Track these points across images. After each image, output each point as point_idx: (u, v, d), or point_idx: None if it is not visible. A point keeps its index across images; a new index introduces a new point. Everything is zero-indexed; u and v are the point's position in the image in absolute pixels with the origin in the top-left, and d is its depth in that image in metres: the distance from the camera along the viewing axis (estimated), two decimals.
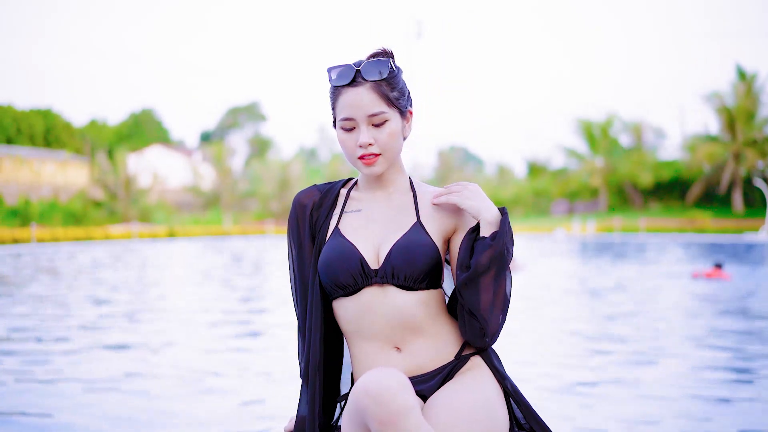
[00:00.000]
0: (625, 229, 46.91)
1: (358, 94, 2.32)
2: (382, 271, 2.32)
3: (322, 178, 62.18)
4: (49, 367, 6.30)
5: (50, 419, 4.66)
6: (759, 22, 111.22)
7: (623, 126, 63.70)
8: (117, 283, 14.72)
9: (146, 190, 56.18)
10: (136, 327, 8.88)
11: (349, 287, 2.34)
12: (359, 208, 2.46)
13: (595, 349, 7.35)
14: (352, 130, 2.35)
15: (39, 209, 44.15)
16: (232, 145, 74.07)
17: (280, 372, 6.13)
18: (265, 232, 48.48)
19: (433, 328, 2.36)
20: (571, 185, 62.54)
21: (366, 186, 2.49)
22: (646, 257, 23.99)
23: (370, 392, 2.04)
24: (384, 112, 2.32)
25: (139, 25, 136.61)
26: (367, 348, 2.36)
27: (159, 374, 6.05)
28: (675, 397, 5.25)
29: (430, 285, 2.34)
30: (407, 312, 2.31)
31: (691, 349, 7.31)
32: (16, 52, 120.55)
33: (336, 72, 2.35)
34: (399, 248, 2.32)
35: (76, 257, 24.62)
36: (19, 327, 8.74)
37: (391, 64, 2.34)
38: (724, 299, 11.64)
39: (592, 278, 16.02)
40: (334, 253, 2.37)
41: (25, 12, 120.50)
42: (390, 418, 2.01)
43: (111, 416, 4.73)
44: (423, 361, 2.34)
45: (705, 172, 56.33)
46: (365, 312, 2.33)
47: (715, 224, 46.30)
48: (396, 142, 2.37)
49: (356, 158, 2.36)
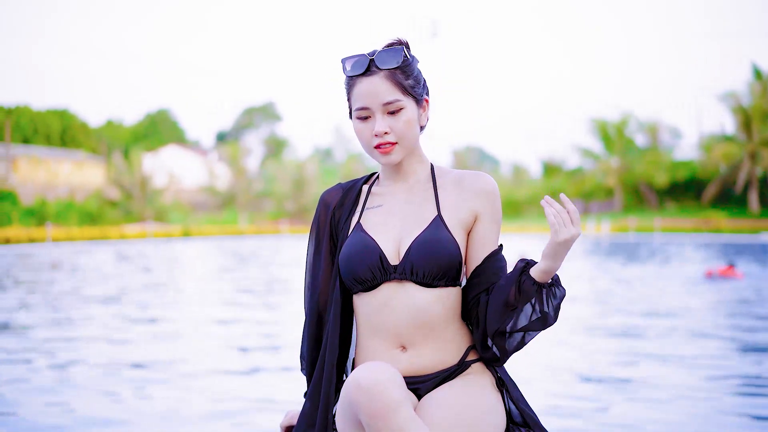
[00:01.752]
0: (639, 229, 46.68)
1: (372, 83, 2.31)
2: (401, 267, 2.31)
3: (338, 178, 62.09)
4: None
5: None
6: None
7: (639, 126, 63.34)
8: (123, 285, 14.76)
9: (162, 189, 56.31)
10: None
11: (367, 282, 2.34)
12: (380, 203, 2.45)
13: (598, 349, 7.35)
14: (367, 119, 2.34)
15: (55, 209, 44.31)
16: (248, 145, 74.23)
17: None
18: (279, 231, 48.55)
19: (443, 330, 2.34)
20: (586, 185, 62.20)
21: (387, 179, 2.48)
22: (659, 257, 23.88)
23: (362, 386, 2.05)
24: (399, 100, 2.31)
25: (154, 26, 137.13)
26: (374, 344, 2.35)
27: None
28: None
29: (450, 282, 2.33)
30: (424, 309, 2.30)
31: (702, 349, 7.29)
32: (32, 53, 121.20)
33: (350, 62, 2.35)
34: (419, 245, 2.30)
35: (91, 256, 24.72)
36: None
37: (405, 53, 2.33)
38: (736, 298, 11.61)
39: (599, 279, 15.98)
40: (354, 247, 2.36)
41: (28, 12, 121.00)
42: (380, 412, 2.03)
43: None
44: (426, 363, 2.33)
45: (721, 171, 55.91)
46: (382, 307, 2.32)
47: (730, 224, 45.99)
48: (412, 131, 2.35)
49: (372, 147, 2.35)
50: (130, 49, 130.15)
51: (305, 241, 37.58)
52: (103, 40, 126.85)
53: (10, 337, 8.11)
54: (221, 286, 14.47)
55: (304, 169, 62.54)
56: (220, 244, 35.79)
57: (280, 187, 61.63)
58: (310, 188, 60.48)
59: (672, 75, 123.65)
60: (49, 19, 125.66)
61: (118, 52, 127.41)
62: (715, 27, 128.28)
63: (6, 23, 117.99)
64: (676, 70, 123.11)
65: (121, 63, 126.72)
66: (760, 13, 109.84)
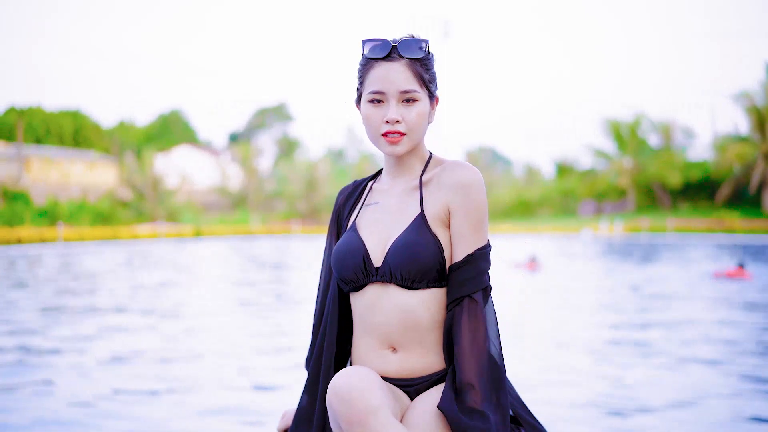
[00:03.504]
0: (652, 229, 46.56)
1: (392, 68, 2.27)
2: (382, 269, 2.28)
3: (350, 178, 62.15)
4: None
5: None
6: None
7: (652, 126, 63.14)
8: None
9: (174, 190, 56.46)
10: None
11: (352, 283, 2.33)
12: (378, 200, 2.42)
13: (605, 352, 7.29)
14: (380, 104, 2.30)
15: (67, 209, 44.43)
16: (260, 145, 74.36)
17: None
18: (290, 231, 48.63)
19: (430, 333, 2.29)
20: (598, 186, 62.09)
21: (386, 175, 2.45)
22: (670, 257, 23.79)
23: (338, 393, 2.06)
24: (416, 91, 2.27)
25: (167, 27, 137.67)
26: (365, 344, 2.33)
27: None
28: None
29: (432, 284, 2.27)
30: (408, 311, 2.26)
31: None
32: (45, 53, 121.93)
33: (371, 44, 2.31)
34: (397, 247, 2.26)
35: (102, 256, 24.80)
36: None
37: (427, 46, 2.31)
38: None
39: (606, 280, 15.92)
40: (343, 247, 2.36)
41: (42, 13, 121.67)
42: (357, 418, 2.03)
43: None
44: (415, 366, 2.30)
45: (734, 172, 55.67)
46: (369, 308, 2.30)
47: (744, 225, 45.78)
48: (422, 124, 2.31)
49: (380, 135, 2.31)
50: (142, 51, 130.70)
51: (316, 241, 37.68)
52: (117, 41, 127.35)
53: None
54: (236, 287, 14.46)
55: (316, 170, 62.63)
56: (231, 244, 35.85)
57: (291, 187, 61.75)
58: (322, 189, 60.56)
59: (686, 75, 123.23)
60: (63, 20, 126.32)
61: (131, 53, 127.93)
62: (731, 26, 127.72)
63: (22, 25, 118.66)
64: (691, 70, 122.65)
65: (133, 64, 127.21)
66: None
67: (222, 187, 65.22)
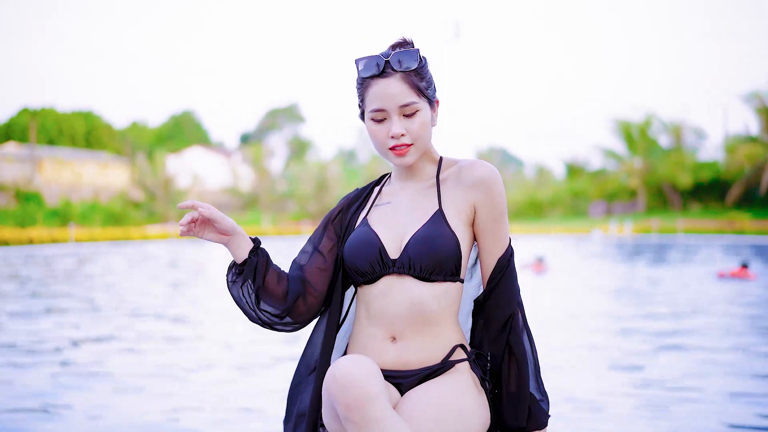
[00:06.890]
0: (663, 230, 46.34)
1: (388, 84, 2.32)
2: (400, 261, 2.33)
3: (361, 179, 62.16)
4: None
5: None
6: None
7: (662, 127, 62.86)
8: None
9: (185, 191, 56.55)
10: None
11: (368, 275, 2.37)
12: (389, 200, 2.48)
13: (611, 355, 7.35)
14: (383, 121, 2.35)
15: (80, 210, 44.59)
16: (271, 146, 74.29)
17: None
18: (301, 232, 48.68)
19: (434, 325, 2.34)
20: (609, 186, 61.82)
21: (397, 179, 2.51)
22: (678, 258, 23.73)
23: (338, 379, 2.08)
24: (415, 103, 2.32)
25: (180, 28, 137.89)
26: (366, 333, 2.38)
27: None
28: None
29: (448, 277, 2.33)
30: (420, 302, 2.31)
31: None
32: (56, 55, 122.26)
33: (363, 63, 2.35)
34: (417, 240, 2.32)
35: (110, 258, 24.88)
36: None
37: (419, 55, 2.34)
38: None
39: (616, 280, 15.93)
40: (357, 240, 2.40)
41: (55, 15, 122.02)
42: (356, 404, 2.05)
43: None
44: (411, 357, 2.34)
45: (745, 172, 55.34)
46: (378, 296, 2.35)
47: (754, 226, 45.51)
48: (427, 132, 2.37)
49: (387, 149, 2.36)
50: (156, 52, 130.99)
51: None
52: (129, 42, 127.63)
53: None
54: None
55: (328, 171, 62.47)
56: None
57: (303, 188, 61.64)
58: (333, 190, 60.42)
59: (698, 75, 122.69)
60: (80, 22, 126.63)
61: (143, 54, 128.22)
62: (743, 27, 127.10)
63: (35, 27, 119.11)
64: (703, 71, 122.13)
65: (146, 65, 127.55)
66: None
67: (233, 188, 65.16)
